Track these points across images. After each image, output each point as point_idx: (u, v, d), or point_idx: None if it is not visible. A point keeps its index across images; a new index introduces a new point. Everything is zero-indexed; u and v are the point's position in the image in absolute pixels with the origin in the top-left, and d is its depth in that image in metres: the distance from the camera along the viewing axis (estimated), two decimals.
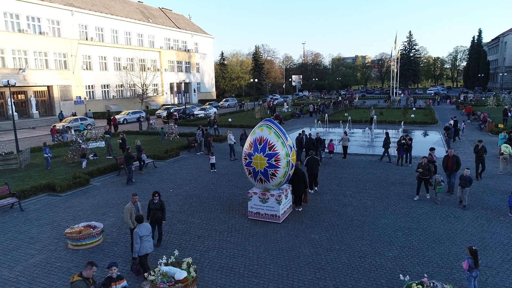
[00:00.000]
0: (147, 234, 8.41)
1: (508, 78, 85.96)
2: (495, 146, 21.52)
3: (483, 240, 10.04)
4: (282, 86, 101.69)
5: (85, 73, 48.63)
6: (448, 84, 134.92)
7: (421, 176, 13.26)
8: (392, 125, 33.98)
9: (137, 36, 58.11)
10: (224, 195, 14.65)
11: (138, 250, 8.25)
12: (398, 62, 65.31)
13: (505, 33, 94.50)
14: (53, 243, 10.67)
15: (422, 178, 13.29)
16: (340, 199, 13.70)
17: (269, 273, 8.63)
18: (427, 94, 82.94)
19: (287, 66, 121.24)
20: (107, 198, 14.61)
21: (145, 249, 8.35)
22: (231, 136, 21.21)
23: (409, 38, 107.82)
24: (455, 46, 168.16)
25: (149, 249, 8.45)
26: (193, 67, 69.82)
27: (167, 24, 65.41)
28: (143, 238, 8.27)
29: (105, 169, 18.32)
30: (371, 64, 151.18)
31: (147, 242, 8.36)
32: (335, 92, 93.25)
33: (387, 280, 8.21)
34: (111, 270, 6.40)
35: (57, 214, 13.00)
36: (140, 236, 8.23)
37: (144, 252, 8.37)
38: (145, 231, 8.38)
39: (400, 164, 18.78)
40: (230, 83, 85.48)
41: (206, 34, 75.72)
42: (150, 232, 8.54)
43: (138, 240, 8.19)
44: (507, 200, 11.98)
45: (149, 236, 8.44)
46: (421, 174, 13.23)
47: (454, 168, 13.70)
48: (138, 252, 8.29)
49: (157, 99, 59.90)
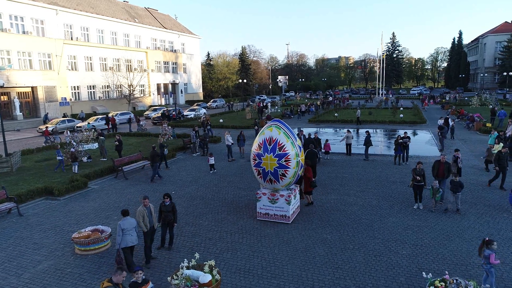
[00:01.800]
0: (130, 228, 8.75)
1: (488, 78, 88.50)
2: (485, 145, 22.10)
3: (491, 236, 10.22)
4: (269, 87, 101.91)
5: (71, 73, 47.51)
6: (429, 84, 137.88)
7: (416, 183, 12.42)
8: (383, 125, 34.54)
9: (123, 36, 57.16)
10: (228, 196, 14.52)
11: (119, 242, 8.65)
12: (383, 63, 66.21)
13: (484, 34, 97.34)
14: (59, 248, 10.34)
15: (417, 185, 12.45)
16: (345, 199, 13.78)
17: (288, 274, 8.58)
18: (411, 94, 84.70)
19: (272, 67, 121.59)
20: (108, 201, 14.27)
21: (125, 242, 8.69)
22: (229, 137, 21.08)
23: (393, 40, 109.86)
24: (436, 47, 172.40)
25: (130, 242, 8.77)
26: (180, 68, 69.18)
27: (154, 24, 64.61)
28: (125, 232, 8.65)
29: (102, 171, 17.91)
30: (354, 65, 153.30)
31: (128, 236, 8.71)
32: (321, 93, 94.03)
33: (406, 278, 8.28)
34: (136, 274, 6.23)
35: (58, 218, 12.62)
36: (122, 229, 8.63)
37: (125, 244, 8.71)
38: (127, 224, 8.74)
39: (397, 163, 19.04)
40: (217, 83, 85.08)
41: (193, 34, 75.18)
42: (133, 227, 8.84)
43: (120, 232, 8.61)
44: (508, 197, 12.26)
45: (131, 230, 8.77)
46: (416, 181, 12.40)
47: (445, 175, 12.95)
48: (120, 244, 8.67)
49: (144, 100, 59.06)
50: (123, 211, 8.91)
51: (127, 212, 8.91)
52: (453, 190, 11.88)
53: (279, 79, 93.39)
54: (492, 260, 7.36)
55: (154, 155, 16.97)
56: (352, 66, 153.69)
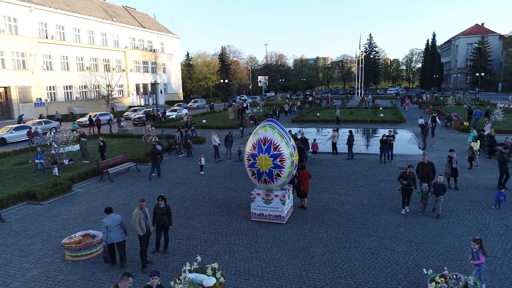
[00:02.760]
0: (114, 225, 8.86)
1: (460, 79, 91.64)
2: (464, 143, 22.88)
3: (480, 232, 10.56)
4: (249, 87, 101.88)
5: (46, 73, 45.94)
6: (405, 84, 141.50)
7: (405, 187, 11.90)
8: (364, 125, 35.13)
9: (101, 35, 55.78)
10: (219, 197, 14.37)
11: (105, 238, 8.85)
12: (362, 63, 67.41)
13: (456, 36, 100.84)
14: (48, 255, 9.92)
15: (406, 189, 11.92)
16: (336, 198, 13.90)
17: (288, 274, 8.55)
18: (388, 94, 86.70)
19: (252, 67, 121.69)
20: (95, 205, 13.84)
21: (110, 239, 8.85)
22: (216, 137, 20.88)
23: (370, 41, 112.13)
24: (410, 49, 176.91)
25: (115, 239, 8.90)
26: (159, 68, 68.16)
27: (132, 23, 63.39)
28: (109, 229, 8.81)
29: (86, 174, 17.37)
30: (332, 65, 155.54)
31: (113, 233, 8.86)
32: (301, 93, 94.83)
33: (405, 275, 8.41)
34: (152, 279, 6.02)
35: (44, 223, 12.13)
36: (106, 226, 8.80)
37: (110, 241, 8.87)
38: (111, 222, 8.86)
39: (383, 161, 19.39)
40: (197, 84, 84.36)
41: (172, 34, 74.23)
42: (117, 224, 8.92)
43: (105, 229, 8.80)
44: (495, 195, 12.55)
45: (116, 227, 8.88)
46: (405, 185, 11.88)
47: (430, 176, 12.78)
48: (106, 241, 8.86)
49: (123, 101, 57.81)
50: (106, 209, 9.10)
51: (111, 209, 9.11)
52: (436, 193, 11.56)
53: (259, 79, 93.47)
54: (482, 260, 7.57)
55: (154, 153, 17.17)
56: (330, 66, 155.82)
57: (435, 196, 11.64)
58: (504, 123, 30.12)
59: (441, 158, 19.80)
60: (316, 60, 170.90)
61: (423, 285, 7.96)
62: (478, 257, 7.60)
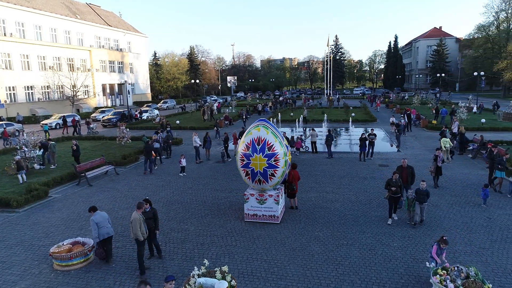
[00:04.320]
0: (103, 221, 9.18)
1: (421, 79, 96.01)
2: (435, 140, 23.94)
3: (466, 224, 11.07)
4: (218, 87, 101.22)
5: (5, 73, 43.17)
6: (369, 85, 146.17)
7: (393, 195, 11.13)
8: (338, 124, 35.90)
9: (64, 33, 53.29)
10: (207, 199, 14.11)
11: (97, 235, 9.06)
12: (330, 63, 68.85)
13: (416, 39, 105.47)
14: (34, 265, 9.30)
15: (394, 197, 11.16)
16: (324, 196, 14.07)
17: (292, 274, 8.53)
18: (354, 94, 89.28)
19: (220, 68, 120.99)
20: (77, 211, 13.17)
21: (102, 235, 9.10)
22: (196, 138, 20.51)
23: (336, 42, 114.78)
24: (373, 50, 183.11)
25: (107, 234, 9.20)
26: (126, 68, 66.14)
27: (97, 21, 61.07)
28: (100, 225, 9.08)
29: (62, 178, 16.49)
30: (298, 66, 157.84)
31: (104, 229, 9.15)
32: (270, 93, 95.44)
33: (405, 269, 8.64)
34: (170, 284, 5.77)
35: (23, 232, 11.37)
36: (96, 223, 9.05)
37: (103, 237, 9.11)
38: (100, 218, 9.17)
39: (362, 159, 19.87)
40: (166, 84, 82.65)
41: (139, 33, 72.30)
42: (106, 220, 9.26)
43: (95, 227, 9.03)
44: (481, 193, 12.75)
45: (105, 223, 9.21)
46: (393, 193, 11.14)
47: (409, 180, 12.33)
48: (98, 238, 9.09)
49: (89, 102, 55.51)
50: (91, 208, 9.36)
51: (95, 207, 9.44)
52: (419, 200, 10.78)
53: (229, 80, 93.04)
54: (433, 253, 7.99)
55: (149, 149, 18.17)
56: (296, 67, 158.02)
57: (418, 203, 10.82)
58: (467, 121, 31.82)
59: (416, 155, 20.66)
60: (282, 60, 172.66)
61: (424, 278, 8.21)
62: (441, 254, 8.04)
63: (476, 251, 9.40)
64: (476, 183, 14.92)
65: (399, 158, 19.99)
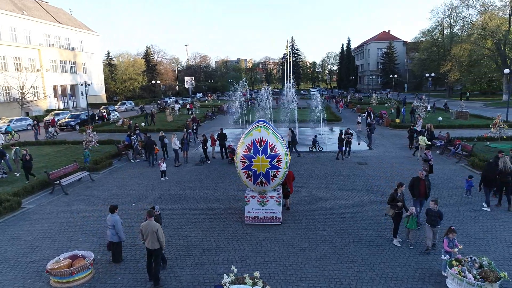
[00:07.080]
0: (109, 224, 9.12)
1: (373, 80, 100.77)
2: (400, 138, 25.22)
3: (456, 217, 11.71)
4: (175, 88, 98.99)
5: None
6: (323, 86, 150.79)
7: (398, 211, 9.81)
8: (304, 123, 36.54)
9: (10, 30, 49.21)
10: (199, 203, 13.68)
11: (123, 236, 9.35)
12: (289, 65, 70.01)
13: (367, 41, 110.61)
14: (27, 284, 8.43)
15: (398, 213, 9.85)
16: (315, 195, 14.21)
17: (311, 275, 8.49)
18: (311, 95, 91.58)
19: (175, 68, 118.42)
20: (59, 221, 12.16)
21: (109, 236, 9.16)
22: (176, 140, 19.86)
23: (292, 43, 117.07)
24: (327, 52, 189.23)
25: (109, 238, 9.16)
26: (79, 68, 62.58)
27: (46, 18, 57.13)
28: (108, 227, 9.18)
29: (33, 187, 15.15)
30: (253, 67, 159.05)
31: (107, 230, 9.22)
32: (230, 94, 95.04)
33: (415, 263, 8.93)
34: None
35: (3, 249, 10.27)
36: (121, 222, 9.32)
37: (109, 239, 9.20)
38: (107, 220, 9.21)
39: (340, 158, 20.36)
40: (122, 85, 79.29)
41: (92, 31, 68.72)
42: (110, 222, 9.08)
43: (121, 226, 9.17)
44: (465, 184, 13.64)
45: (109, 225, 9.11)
46: (398, 209, 9.79)
47: (427, 193, 11.02)
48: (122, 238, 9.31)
49: (39, 104, 51.73)
50: (113, 207, 9.21)
51: (116, 206, 9.35)
52: (431, 223, 9.33)
53: (186, 81, 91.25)
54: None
55: (150, 144, 19.43)
56: (252, 68, 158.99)
57: (430, 226, 9.39)
58: (425, 120, 33.81)
59: (389, 153, 21.58)
60: (238, 61, 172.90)
61: (435, 270, 8.54)
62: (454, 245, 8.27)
63: (474, 242, 9.96)
64: (452, 178, 15.87)
65: (374, 156, 20.88)
